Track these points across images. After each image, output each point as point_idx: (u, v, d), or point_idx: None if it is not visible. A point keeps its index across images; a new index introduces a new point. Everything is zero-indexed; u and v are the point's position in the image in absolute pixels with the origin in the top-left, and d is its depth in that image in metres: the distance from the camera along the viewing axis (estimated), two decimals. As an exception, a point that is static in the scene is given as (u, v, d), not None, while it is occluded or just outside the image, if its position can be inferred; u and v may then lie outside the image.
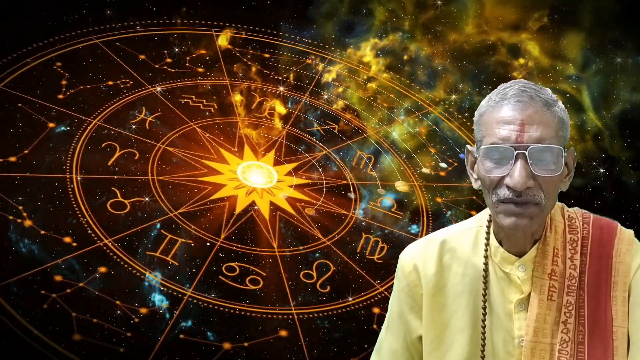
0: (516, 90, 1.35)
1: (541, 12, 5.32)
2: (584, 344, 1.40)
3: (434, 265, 1.50)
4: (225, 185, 4.00)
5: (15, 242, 3.29)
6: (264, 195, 4.04)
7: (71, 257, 3.31)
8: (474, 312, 1.47)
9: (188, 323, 3.24)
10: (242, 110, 4.58)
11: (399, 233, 4.06)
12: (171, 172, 3.96)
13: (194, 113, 4.39)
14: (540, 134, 1.32)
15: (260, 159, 4.28)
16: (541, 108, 1.34)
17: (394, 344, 1.56)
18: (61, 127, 3.94)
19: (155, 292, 3.33)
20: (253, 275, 3.54)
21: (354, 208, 4.15)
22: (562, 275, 1.43)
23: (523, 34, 5.28)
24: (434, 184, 4.45)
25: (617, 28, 5.11)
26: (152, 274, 3.38)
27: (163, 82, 4.54)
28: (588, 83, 5.04)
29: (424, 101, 5.07)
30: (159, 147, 4.08)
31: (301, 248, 3.78)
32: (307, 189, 4.18)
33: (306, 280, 3.61)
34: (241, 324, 3.29)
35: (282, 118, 4.63)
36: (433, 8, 5.45)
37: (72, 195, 3.59)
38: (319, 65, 5.15)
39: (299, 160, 4.36)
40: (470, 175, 1.45)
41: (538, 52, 5.20)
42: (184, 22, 5.08)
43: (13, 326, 2.97)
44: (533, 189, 1.33)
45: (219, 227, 3.74)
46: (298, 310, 3.43)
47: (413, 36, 5.35)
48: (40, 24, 4.54)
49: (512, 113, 1.34)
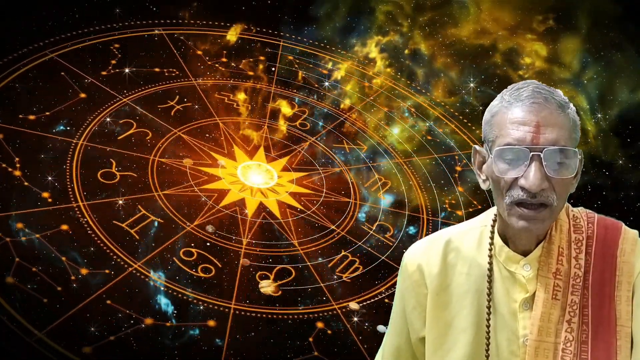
0: (530, 91, 1.35)
1: (546, 14, 5.32)
2: (587, 343, 1.40)
3: (438, 264, 1.49)
4: (229, 190, 4.01)
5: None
6: (258, 195, 4.04)
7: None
8: (478, 312, 1.46)
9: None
10: (244, 110, 4.58)
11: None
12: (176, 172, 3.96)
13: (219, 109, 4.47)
14: (556, 136, 1.32)
15: (269, 162, 4.28)
16: (556, 110, 1.34)
17: (397, 340, 1.56)
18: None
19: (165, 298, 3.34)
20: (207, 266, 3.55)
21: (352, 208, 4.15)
22: (567, 274, 1.43)
23: (528, 34, 5.28)
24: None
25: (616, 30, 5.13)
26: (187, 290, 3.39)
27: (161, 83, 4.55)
28: (585, 85, 5.05)
29: (428, 103, 5.07)
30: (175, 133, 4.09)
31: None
32: (305, 195, 4.18)
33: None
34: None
35: (286, 119, 4.63)
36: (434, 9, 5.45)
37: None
38: (327, 64, 5.15)
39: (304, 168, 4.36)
40: (478, 176, 1.45)
41: (544, 53, 5.20)
42: (191, 21, 5.11)
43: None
44: (547, 190, 1.33)
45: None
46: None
47: (418, 37, 5.35)
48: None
49: (527, 114, 1.33)
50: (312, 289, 3.60)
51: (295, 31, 5.32)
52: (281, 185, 4.15)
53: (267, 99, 4.74)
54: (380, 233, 4.04)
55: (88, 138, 3.96)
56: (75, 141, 3.91)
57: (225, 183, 4.04)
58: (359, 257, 3.86)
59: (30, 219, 3.43)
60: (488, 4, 5.46)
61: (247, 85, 4.79)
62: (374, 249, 3.92)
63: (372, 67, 5.28)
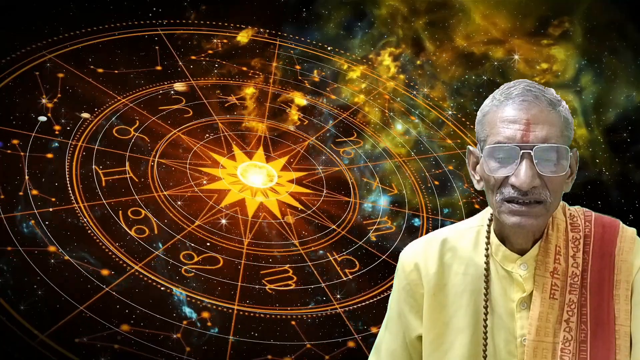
0: (521, 89, 1.35)
1: (560, 19, 5.30)
2: (586, 343, 1.40)
3: (435, 264, 1.49)
4: (229, 191, 4.00)
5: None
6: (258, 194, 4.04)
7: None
8: (475, 312, 1.46)
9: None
10: (244, 110, 4.58)
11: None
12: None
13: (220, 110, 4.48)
14: (546, 134, 1.32)
15: (269, 162, 4.28)
16: (546, 107, 1.33)
17: (393, 343, 1.55)
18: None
19: (182, 304, 3.35)
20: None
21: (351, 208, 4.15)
22: (565, 273, 1.42)
23: (544, 40, 5.26)
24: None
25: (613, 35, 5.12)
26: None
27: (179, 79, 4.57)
28: (582, 89, 5.04)
29: (432, 105, 5.06)
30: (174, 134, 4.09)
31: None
32: (305, 198, 4.18)
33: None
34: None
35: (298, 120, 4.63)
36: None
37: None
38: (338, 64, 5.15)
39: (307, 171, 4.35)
40: (472, 176, 1.44)
41: (562, 57, 5.18)
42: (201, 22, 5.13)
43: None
44: (538, 188, 1.33)
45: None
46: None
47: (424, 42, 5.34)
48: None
49: (517, 112, 1.33)
50: (312, 288, 3.59)
51: (295, 31, 5.32)
52: (281, 185, 4.15)
53: (266, 99, 4.74)
54: (381, 232, 4.04)
55: (87, 139, 3.95)
56: (74, 142, 3.91)
57: (225, 183, 4.03)
58: (359, 256, 3.85)
59: (32, 219, 3.43)
60: (486, 10, 5.44)
61: (247, 85, 4.79)
62: (375, 249, 3.91)
63: (372, 67, 5.27)
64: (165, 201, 3.79)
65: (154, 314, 3.23)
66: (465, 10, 5.43)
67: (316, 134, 4.59)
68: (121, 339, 3.09)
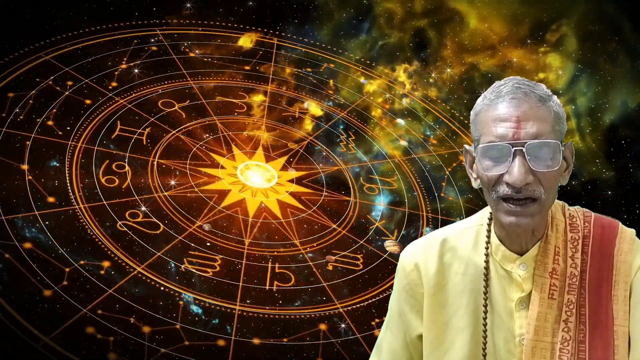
0: (510, 87, 1.36)
1: (557, 22, 5.30)
2: (585, 343, 1.40)
3: (434, 264, 1.49)
4: (229, 191, 4.01)
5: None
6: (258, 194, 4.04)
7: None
8: (474, 311, 1.46)
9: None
10: (243, 110, 4.58)
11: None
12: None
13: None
14: (537, 130, 1.32)
15: (268, 162, 4.28)
16: (536, 104, 1.34)
17: (394, 343, 1.56)
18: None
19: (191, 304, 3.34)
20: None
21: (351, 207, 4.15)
22: (563, 273, 1.42)
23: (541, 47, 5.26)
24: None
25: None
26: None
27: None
28: (580, 91, 5.04)
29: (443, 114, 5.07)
30: (174, 135, 4.09)
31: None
32: (305, 193, 4.18)
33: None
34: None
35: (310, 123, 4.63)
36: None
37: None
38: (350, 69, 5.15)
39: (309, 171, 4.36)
40: (470, 175, 1.45)
41: (558, 63, 5.18)
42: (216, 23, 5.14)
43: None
44: (533, 184, 1.33)
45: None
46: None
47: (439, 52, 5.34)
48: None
49: (507, 110, 1.34)
50: (313, 288, 3.60)
51: (295, 31, 5.32)
52: (281, 185, 4.15)
53: (265, 99, 4.74)
54: (381, 232, 4.04)
55: (87, 140, 3.96)
56: (74, 143, 3.91)
57: (225, 184, 4.04)
58: (359, 256, 3.85)
59: (33, 220, 3.43)
60: (496, 15, 5.44)
61: (246, 85, 4.79)
62: (375, 248, 3.92)
63: (373, 68, 5.27)
64: (165, 201, 3.79)
65: (155, 314, 3.24)
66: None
67: (316, 134, 4.59)
68: (121, 339, 3.09)
